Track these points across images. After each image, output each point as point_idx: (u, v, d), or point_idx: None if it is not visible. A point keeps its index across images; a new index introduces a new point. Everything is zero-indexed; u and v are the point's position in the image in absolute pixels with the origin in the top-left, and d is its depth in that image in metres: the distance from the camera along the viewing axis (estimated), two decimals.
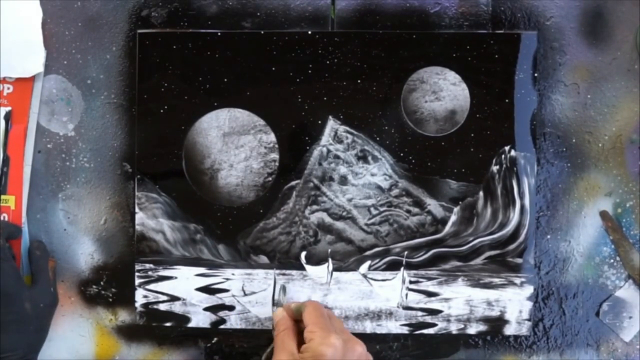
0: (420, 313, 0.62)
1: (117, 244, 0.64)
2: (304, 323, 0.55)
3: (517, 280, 0.62)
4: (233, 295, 0.63)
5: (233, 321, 0.63)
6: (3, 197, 0.62)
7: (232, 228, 0.62)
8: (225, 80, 0.62)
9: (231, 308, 0.63)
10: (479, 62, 0.61)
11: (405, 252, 0.62)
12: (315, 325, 0.54)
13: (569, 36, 0.62)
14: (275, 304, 0.62)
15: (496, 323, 0.62)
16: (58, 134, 0.64)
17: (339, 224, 0.62)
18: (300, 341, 0.55)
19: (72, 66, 0.63)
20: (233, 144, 0.63)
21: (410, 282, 0.62)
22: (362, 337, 0.62)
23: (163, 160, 0.63)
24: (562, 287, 0.63)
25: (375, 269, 0.62)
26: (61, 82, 0.63)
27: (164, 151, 0.63)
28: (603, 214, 0.62)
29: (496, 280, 0.62)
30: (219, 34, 0.62)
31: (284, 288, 0.62)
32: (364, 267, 0.62)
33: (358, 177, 0.62)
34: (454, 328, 0.62)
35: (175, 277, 0.63)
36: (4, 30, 0.61)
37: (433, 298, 0.62)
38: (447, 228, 0.62)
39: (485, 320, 0.62)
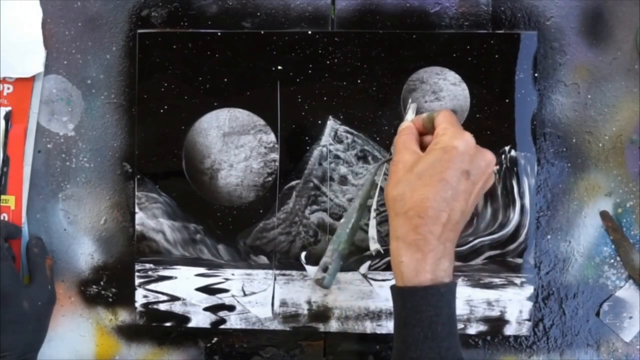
0: None
1: (117, 244, 0.64)
2: (436, 124, 0.53)
3: (517, 281, 0.62)
4: (233, 296, 0.63)
5: (233, 321, 0.63)
6: (3, 197, 0.62)
7: (232, 228, 0.62)
8: (225, 80, 0.62)
9: (231, 308, 0.63)
10: (479, 62, 0.61)
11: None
12: (448, 123, 0.52)
13: (569, 36, 0.62)
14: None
15: (496, 323, 0.62)
16: (58, 134, 0.64)
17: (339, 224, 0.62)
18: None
19: (72, 66, 0.63)
20: (233, 144, 0.63)
21: None
22: (362, 337, 0.62)
23: (163, 160, 0.63)
24: (562, 287, 0.63)
25: (375, 269, 0.62)
26: (61, 82, 0.63)
27: (164, 151, 0.63)
28: (603, 214, 0.62)
29: (496, 281, 0.62)
30: (219, 34, 0.62)
31: (415, 106, 0.60)
32: (364, 267, 0.62)
33: (358, 177, 0.62)
34: None
35: (175, 277, 0.63)
36: (4, 30, 0.61)
37: None
38: None
39: (486, 320, 0.62)
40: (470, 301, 0.62)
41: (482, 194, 0.54)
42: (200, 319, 0.63)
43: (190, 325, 0.63)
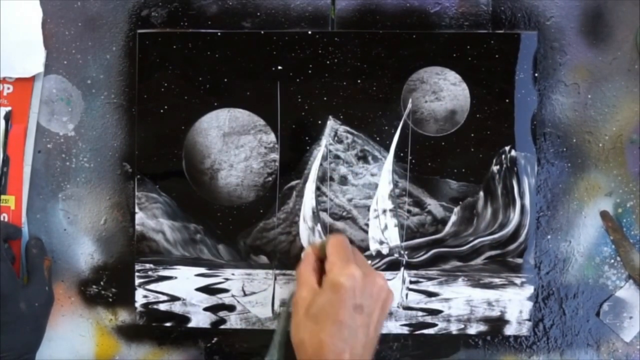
0: (420, 313, 0.62)
1: (117, 244, 0.64)
2: (327, 255, 0.54)
3: (518, 281, 0.62)
4: (233, 296, 0.63)
5: (233, 321, 0.63)
6: (3, 197, 0.62)
7: (232, 228, 0.62)
8: (225, 80, 0.62)
9: (231, 308, 0.63)
10: (479, 62, 0.61)
11: (406, 252, 0.62)
12: (335, 256, 0.53)
13: (569, 36, 0.62)
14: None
15: (496, 323, 0.62)
16: (58, 134, 0.64)
17: (339, 224, 0.62)
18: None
19: (72, 66, 0.63)
20: (233, 144, 0.63)
21: (411, 282, 0.62)
22: None
23: (163, 160, 0.63)
24: (563, 287, 0.63)
25: (376, 269, 0.62)
26: (61, 82, 0.63)
27: (164, 151, 0.63)
28: (603, 214, 0.62)
29: (496, 281, 0.62)
30: (219, 34, 0.62)
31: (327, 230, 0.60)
32: None
33: (358, 177, 0.62)
34: (454, 328, 0.62)
35: (175, 277, 0.63)
36: (4, 30, 0.61)
37: (433, 298, 0.62)
38: (447, 228, 0.62)
39: (486, 320, 0.62)
40: (470, 301, 0.62)
41: (385, 317, 0.54)
42: (200, 319, 0.63)
43: (190, 325, 0.63)
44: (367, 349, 0.51)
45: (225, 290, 0.63)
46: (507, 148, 0.61)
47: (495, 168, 0.61)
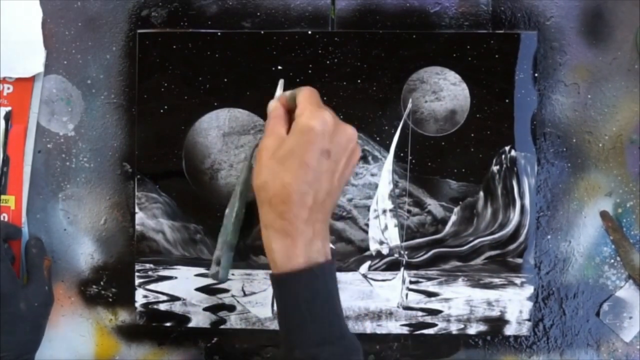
0: (420, 313, 0.62)
1: (117, 244, 0.64)
2: (297, 103, 0.52)
3: (517, 281, 0.62)
4: (233, 296, 0.63)
5: (233, 321, 0.63)
6: (3, 197, 0.62)
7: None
8: (225, 80, 0.62)
9: (231, 308, 0.63)
10: (479, 62, 0.61)
11: (406, 253, 0.62)
12: (308, 101, 0.51)
13: (569, 36, 0.62)
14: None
15: (496, 323, 0.62)
16: (58, 134, 0.64)
17: (339, 224, 0.62)
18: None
19: (72, 66, 0.63)
20: (233, 144, 0.63)
21: (411, 282, 0.62)
22: (362, 337, 0.62)
23: (163, 160, 0.63)
24: (563, 287, 0.63)
25: (375, 269, 0.62)
26: (61, 82, 0.63)
27: (164, 151, 0.63)
28: (603, 214, 0.62)
29: (496, 281, 0.62)
30: (219, 34, 0.62)
31: (283, 82, 0.59)
32: (364, 267, 0.62)
33: (358, 177, 0.62)
34: (454, 328, 0.62)
35: (175, 277, 0.63)
36: (4, 30, 0.61)
37: (433, 298, 0.62)
38: (447, 228, 0.62)
39: (486, 320, 0.62)
40: (470, 301, 0.62)
41: (351, 170, 0.53)
42: (200, 319, 0.63)
43: (190, 325, 0.63)
44: (329, 197, 0.51)
45: (225, 290, 0.63)
46: (507, 148, 0.61)
47: (495, 168, 0.61)
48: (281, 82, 0.59)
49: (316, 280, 0.49)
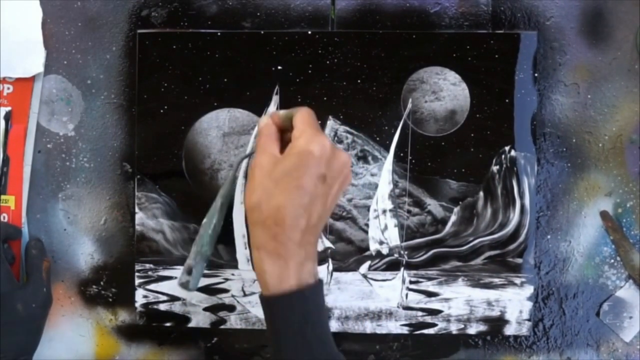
0: (420, 313, 0.62)
1: (117, 244, 0.64)
2: (294, 124, 0.52)
3: (517, 280, 0.62)
4: (233, 296, 0.63)
5: (233, 321, 0.63)
6: (3, 197, 0.62)
7: (232, 228, 0.62)
8: (225, 80, 0.62)
9: (231, 308, 0.63)
10: (479, 62, 0.61)
11: (406, 253, 0.62)
12: (306, 124, 0.51)
13: (569, 36, 0.62)
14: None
15: (496, 323, 0.62)
16: (58, 134, 0.64)
17: (339, 224, 0.62)
18: (284, 148, 0.52)
19: (72, 66, 0.63)
20: (233, 144, 0.63)
21: (410, 282, 0.62)
22: (362, 337, 0.62)
23: (163, 160, 0.63)
24: (562, 287, 0.63)
25: (375, 269, 0.62)
26: (61, 82, 0.63)
27: (164, 151, 0.63)
28: (603, 214, 0.62)
29: (496, 281, 0.62)
30: (219, 34, 0.62)
31: (278, 99, 0.59)
32: (364, 267, 0.62)
33: (358, 177, 0.62)
34: (454, 328, 0.62)
35: (175, 277, 0.63)
36: (4, 30, 0.61)
37: (433, 298, 0.62)
38: (447, 228, 0.62)
39: (485, 320, 0.62)
40: (470, 301, 0.62)
41: (340, 194, 0.53)
42: (200, 319, 0.63)
43: (190, 325, 0.63)
44: (321, 220, 0.51)
45: (225, 290, 0.63)
46: (507, 148, 0.61)
47: (495, 168, 0.61)
48: (275, 99, 0.59)
49: (307, 301, 0.49)
